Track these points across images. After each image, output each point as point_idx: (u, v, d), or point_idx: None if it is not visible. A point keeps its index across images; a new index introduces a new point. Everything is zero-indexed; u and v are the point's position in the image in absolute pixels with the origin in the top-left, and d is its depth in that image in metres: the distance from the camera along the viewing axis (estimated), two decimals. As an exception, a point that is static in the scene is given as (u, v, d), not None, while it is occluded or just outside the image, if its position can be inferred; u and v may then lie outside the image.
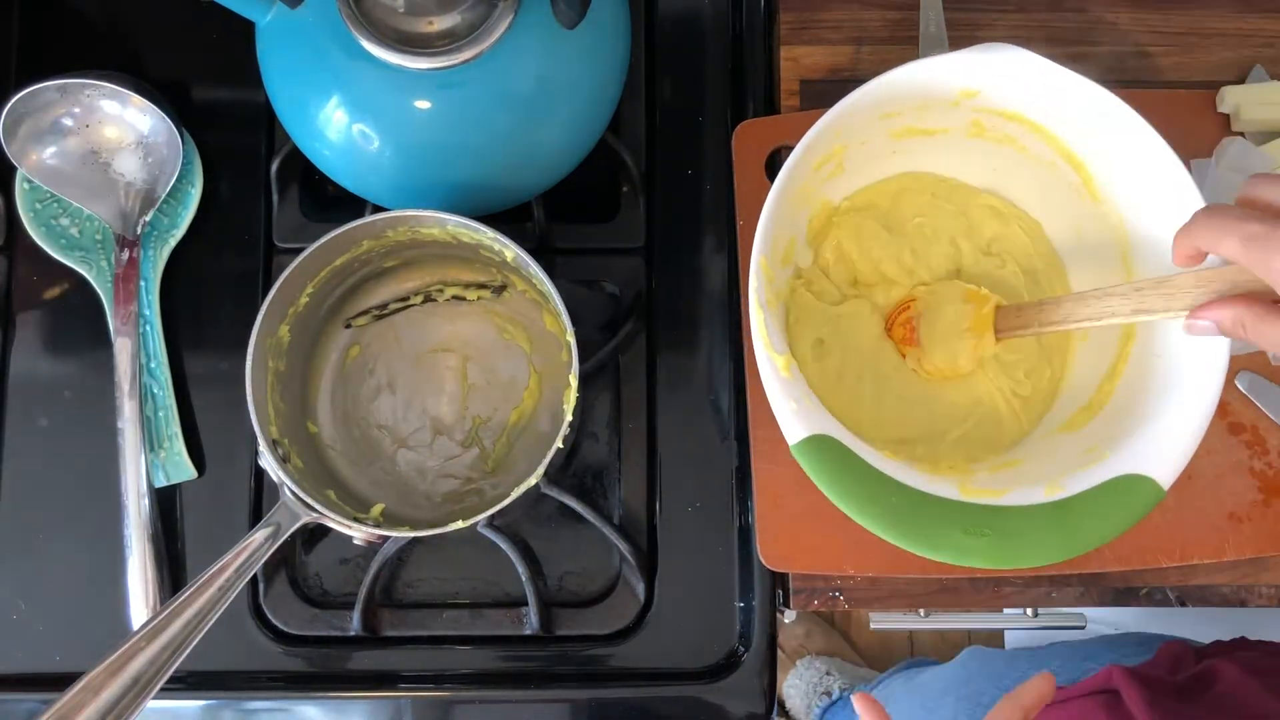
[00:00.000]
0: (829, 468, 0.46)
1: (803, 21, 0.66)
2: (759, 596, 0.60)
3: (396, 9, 0.51)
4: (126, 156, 0.63)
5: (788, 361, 0.48)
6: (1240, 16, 0.65)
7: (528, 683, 0.60)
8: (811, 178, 0.54)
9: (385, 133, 0.55)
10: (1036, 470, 0.51)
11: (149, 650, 0.47)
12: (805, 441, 0.46)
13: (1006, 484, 0.49)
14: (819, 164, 0.54)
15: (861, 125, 0.53)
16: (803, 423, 0.47)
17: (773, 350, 0.47)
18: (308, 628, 0.61)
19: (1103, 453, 0.49)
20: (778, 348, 0.48)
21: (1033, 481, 0.49)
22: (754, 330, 0.48)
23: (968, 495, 0.48)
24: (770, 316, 0.48)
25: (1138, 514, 0.47)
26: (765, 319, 0.48)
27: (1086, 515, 0.47)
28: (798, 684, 1.30)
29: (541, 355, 0.63)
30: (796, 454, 0.46)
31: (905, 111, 0.53)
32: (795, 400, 0.47)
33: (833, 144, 0.53)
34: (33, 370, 0.63)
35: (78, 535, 0.61)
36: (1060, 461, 0.51)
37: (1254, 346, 0.59)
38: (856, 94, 0.50)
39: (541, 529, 0.62)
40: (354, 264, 0.59)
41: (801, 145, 0.50)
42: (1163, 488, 0.47)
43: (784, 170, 0.49)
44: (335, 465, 0.61)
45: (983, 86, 0.51)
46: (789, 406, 0.47)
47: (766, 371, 0.47)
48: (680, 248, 0.65)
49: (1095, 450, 0.50)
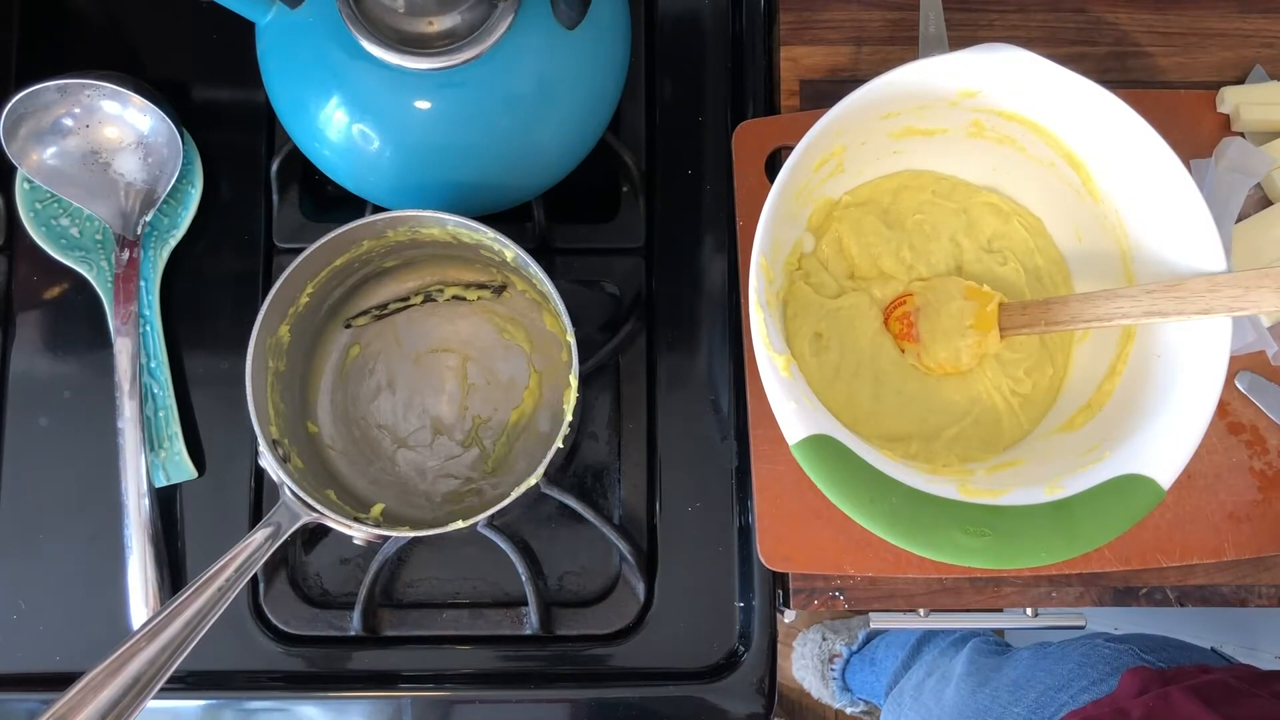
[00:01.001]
0: (829, 467, 0.46)
1: (803, 21, 0.66)
2: (759, 596, 0.60)
3: (396, 9, 0.51)
4: (126, 156, 0.63)
5: (788, 361, 0.48)
6: (1240, 16, 0.65)
7: (528, 683, 0.60)
8: (811, 177, 0.54)
9: (385, 133, 0.55)
10: (1036, 470, 0.51)
11: (149, 650, 0.47)
12: (805, 441, 0.46)
13: (1006, 484, 0.49)
14: (819, 164, 0.54)
15: (861, 125, 0.53)
16: (803, 422, 0.47)
17: (773, 350, 0.48)
18: (308, 628, 0.61)
19: (1103, 453, 0.49)
20: (778, 348, 0.48)
21: (1032, 481, 0.49)
22: (754, 330, 0.48)
23: (967, 495, 0.48)
24: (770, 316, 0.48)
25: (1138, 514, 0.47)
26: (765, 319, 0.48)
27: (1086, 515, 0.47)
28: (804, 661, 1.30)
29: (541, 355, 0.63)
30: (796, 453, 0.46)
31: (905, 112, 0.53)
32: (795, 400, 0.47)
33: (833, 144, 0.53)
34: (33, 370, 0.63)
35: (78, 535, 0.61)
36: (1060, 461, 0.51)
37: (1255, 346, 0.60)
38: (856, 94, 0.50)
39: (541, 529, 0.62)
40: (354, 264, 0.59)
41: (801, 145, 0.50)
42: (1163, 488, 0.47)
43: (784, 170, 0.50)
44: (335, 465, 0.61)
45: (982, 87, 0.51)
46: (789, 406, 0.47)
47: (767, 371, 0.48)
48: (680, 248, 0.65)
49: (1095, 450, 0.50)
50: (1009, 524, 0.47)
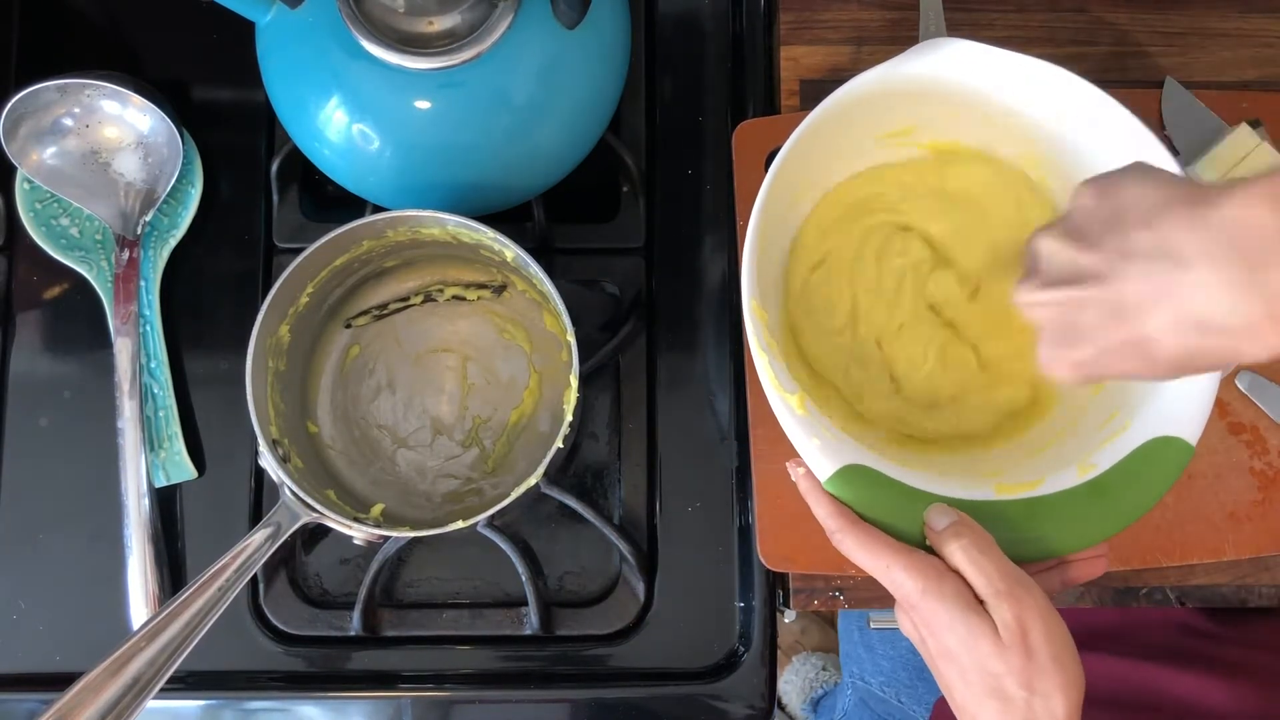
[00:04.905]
0: (864, 495, 0.46)
1: (803, 21, 0.66)
2: (759, 596, 0.60)
3: (396, 9, 0.51)
4: (126, 156, 0.63)
5: (801, 399, 0.47)
6: (1240, 16, 0.65)
7: (528, 683, 0.60)
8: (788, 212, 0.54)
9: (385, 133, 0.55)
10: (1061, 452, 0.51)
11: (149, 650, 0.47)
12: (836, 475, 0.46)
13: (1039, 473, 0.48)
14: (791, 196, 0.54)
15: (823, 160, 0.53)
16: (829, 457, 0.46)
17: (783, 391, 0.47)
18: (308, 628, 0.61)
19: (1124, 420, 0.49)
20: (788, 387, 0.47)
21: (1063, 465, 0.49)
22: (761, 375, 0.47)
23: (1004, 493, 0.47)
24: (774, 358, 0.47)
25: (1173, 475, 0.47)
26: (770, 361, 0.47)
27: (1124, 487, 0.47)
28: (794, 680, 1.31)
29: (541, 355, 0.63)
30: (830, 488, 0.46)
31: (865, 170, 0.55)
32: (817, 436, 0.46)
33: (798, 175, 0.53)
34: (33, 370, 0.63)
35: (78, 535, 0.61)
36: (1083, 437, 0.51)
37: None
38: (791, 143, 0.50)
39: (541, 529, 0.62)
40: (354, 264, 0.59)
41: (765, 189, 0.49)
42: (1191, 445, 0.47)
43: (754, 216, 0.49)
44: (335, 465, 0.61)
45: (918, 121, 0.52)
46: (812, 444, 0.46)
47: (782, 413, 0.47)
48: (680, 248, 0.65)
49: (1115, 418, 0.49)
50: (1051, 513, 0.47)
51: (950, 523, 0.44)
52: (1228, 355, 0.38)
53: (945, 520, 0.44)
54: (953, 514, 0.44)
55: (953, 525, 0.44)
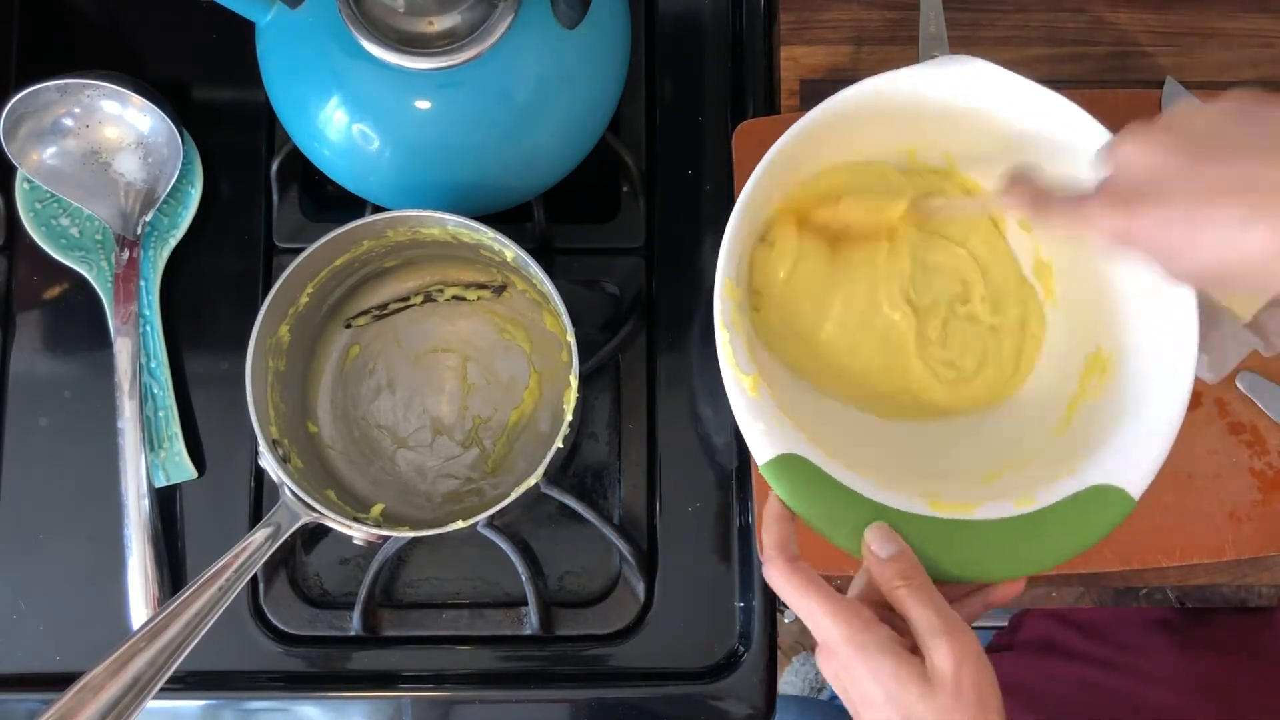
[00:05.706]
0: (798, 487, 0.46)
1: (803, 21, 0.66)
2: (759, 596, 0.60)
3: (396, 9, 0.51)
4: (126, 156, 0.63)
5: (755, 381, 0.47)
6: (1240, 16, 0.65)
7: (528, 683, 0.60)
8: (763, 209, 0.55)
9: (385, 133, 0.55)
10: (1007, 484, 0.51)
11: (149, 650, 0.47)
12: (774, 461, 0.46)
13: (978, 498, 0.48)
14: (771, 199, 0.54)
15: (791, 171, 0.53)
16: (771, 443, 0.46)
17: (739, 370, 0.47)
18: (308, 628, 0.61)
19: (1072, 464, 0.49)
20: (745, 368, 0.47)
21: (1003, 495, 0.49)
22: (720, 350, 0.48)
23: (938, 511, 0.47)
24: (736, 336, 0.48)
25: (1108, 526, 0.46)
26: (731, 339, 0.47)
27: (1057, 528, 0.47)
28: (794, 680, 1.31)
29: (541, 355, 0.63)
30: (765, 473, 0.46)
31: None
32: (763, 420, 0.47)
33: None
34: (33, 370, 0.63)
35: (78, 535, 0.61)
36: (1036, 472, 0.50)
37: (1249, 346, 0.59)
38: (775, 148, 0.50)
39: (541, 529, 0.62)
40: (354, 264, 0.59)
41: (748, 187, 0.49)
42: (1133, 498, 0.46)
43: (736, 209, 0.49)
44: (335, 465, 0.61)
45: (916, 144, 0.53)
46: (757, 427, 0.47)
47: (734, 392, 0.47)
48: (680, 248, 0.65)
49: (1070, 461, 0.50)
50: (980, 539, 0.47)
51: (893, 553, 0.44)
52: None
53: (888, 549, 0.44)
54: (895, 542, 0.44)
55: (897, 561, 0.44)
